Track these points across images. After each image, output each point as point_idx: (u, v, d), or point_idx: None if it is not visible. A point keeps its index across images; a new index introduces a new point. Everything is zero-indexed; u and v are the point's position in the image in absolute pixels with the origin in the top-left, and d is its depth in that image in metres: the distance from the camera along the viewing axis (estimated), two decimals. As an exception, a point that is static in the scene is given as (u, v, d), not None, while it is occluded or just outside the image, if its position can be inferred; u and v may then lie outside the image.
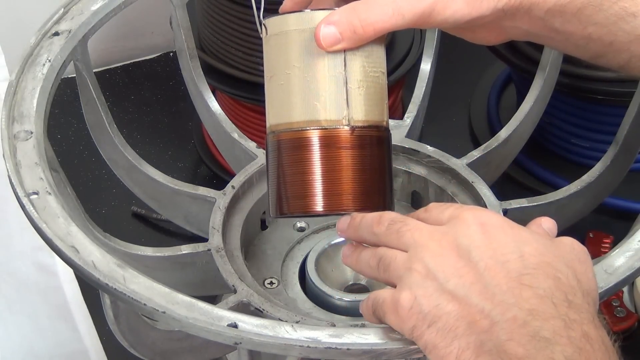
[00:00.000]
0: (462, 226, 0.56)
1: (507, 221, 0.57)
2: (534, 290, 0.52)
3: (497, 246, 0.54)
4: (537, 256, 0.54)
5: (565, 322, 0.51)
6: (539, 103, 0.88)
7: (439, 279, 0.54)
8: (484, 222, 0.56)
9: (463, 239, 0.55)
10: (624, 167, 0.83)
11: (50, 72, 0.74)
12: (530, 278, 0.53)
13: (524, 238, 0.56)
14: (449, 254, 0.55)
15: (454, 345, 0.52)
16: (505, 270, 0.53)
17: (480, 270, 0.53)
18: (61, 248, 0.62)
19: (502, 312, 0.52)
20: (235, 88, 1.03)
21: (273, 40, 0.63)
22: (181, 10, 0.86)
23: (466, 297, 0.53)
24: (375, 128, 0.63)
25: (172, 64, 1.29)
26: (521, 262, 0.54)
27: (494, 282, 0.53)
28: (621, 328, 0.93)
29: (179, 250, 0.75)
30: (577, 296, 0.53)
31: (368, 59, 0.63)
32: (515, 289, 0.52)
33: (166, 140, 1.18)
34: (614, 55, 0.64)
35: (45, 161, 0.68)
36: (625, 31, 0.62)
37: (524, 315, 0.51)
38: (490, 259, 0.54)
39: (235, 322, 0.58)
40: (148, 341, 0.70)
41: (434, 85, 0.92)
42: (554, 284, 0.53)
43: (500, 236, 0.55)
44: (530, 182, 1.08)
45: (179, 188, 0.81)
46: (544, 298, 0.52)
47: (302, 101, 0.62)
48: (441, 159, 0.82)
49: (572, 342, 0.51)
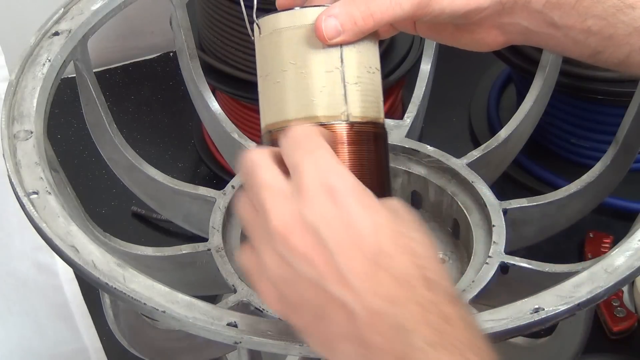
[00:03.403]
0: (306, 192, 0.51)
1: (356, 184, 0.53)
2: (390, 271, 0.50)
3: (347, 219, 0.51)
4: (390, 226, 0.52)
5: (423, 306, 0.50)
6: (539, 103, 0.88)
7: (293, 266, 0.51)
8: (331, 187, 0.51)
9: (309, 213, 0.51)
10: (624, 167, 0.83)
11: (50, 72, 0.74)
12: (385, 257, 0.50)
13: (373, 205, 0.52)
14: (295, 234, 0.51)
15: (319, 333, 0.52)
16: (360, 251, 0.50)
17: (332, 252, 0.50)
18: (61, 247, 0.62)
19: (360, 302, 0.50)
20: (235, 88, 1.03)
21: (266, 40, 0.63)
22: (181, 10, 0.86)
23: (323, 287, 0.50)
24: (372, 124, 0.63)
25: (172, 64, 1.29)
26: (375, 237, 0.51)
27: (348, 266, 0.50)
28: (621, 328, 0.93)
29: (179, 250, 0.75)
30: (434, 269, 0.51)
31: (364, 55, 0.63)
32: (370, 274, 0.50)
33: (166, 140, 1.18)
34: (613, 50, 0.64)
35: (45, 161, 0.68)
36: (625, 23, 0.62)
37: (381, 303, 0.50)
38: (341, 238, 0.50)
39: (235, 322, 0.58)
40: (148, 341, 0.70)
41: (434, 85, 0.92)
42: (410, 260, 0.51)
43: (351, 205, 0.51)
44: (530, 182, 1.08)
45: (179, 188, 0.81)
46: (400, 281, 0.50)
47: (299, 98, 0.62)
48: (441, 159, 0.82)
49: (431, 326, 0.49)
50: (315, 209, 0.51)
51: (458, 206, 0.80)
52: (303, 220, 0.51)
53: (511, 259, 0.72)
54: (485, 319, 0.58)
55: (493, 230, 0.75)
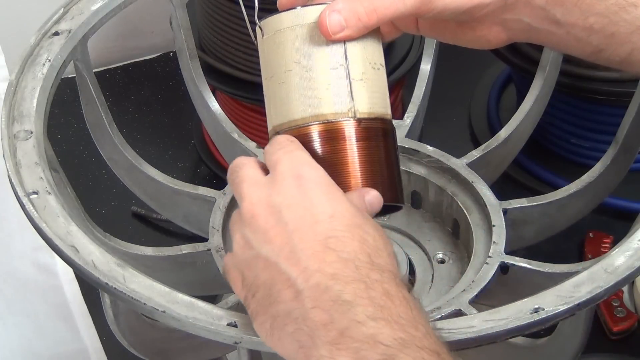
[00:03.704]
0: (278, 180, 0.56)
1: (324, 177, 0.57)
2: (338, 253, 0.53)
3: (309, 204, 0.55)
4: (349, 217, 0.55)
5: (367, 284, 0.52)
6: (539, 103, 0.88)
7: (255, 247, 0.55)
8: (299, 175, 0.56)
9: (276, 196, 0.55)
10: (624, 167, 0.83)
11: (50, 72, 0.74)
12: (335, 241, 0.54)
13: (338, 197, 0.56)
14: (261, 214, 0.55)
15: (268, 314, 0.54)
16: (313, 232, 0.54)
17: (290, 231, 0.54)
18: (61, 247, 0.62)
19: (306, 279, 0.53)
20: (235, 88, 1.03)
21: (269, 41, 0.63)
22: (181, 10, 0.86)
23: (276, 264, 0.54)
24: (380, 120, 0.63)
25: (172, 64, 1.29)
26: (330, 223, 0.54)
27: (301, 245, 0.53)
28: (621, 328, 0.93)
29: (179, 250, 0.75)
30: (382, 257, 0.54)
31: (368, 51, 0.63)
32: (319, 253, 0.53)
33: (166, 140, 1.18)
34: (615, 48, 0.64)
35: (45, 161, 0.68)
36: (627, 21, 0.63)
37: (326, 280, 0.52)
38: (300, 219, 0.54)
39: (235, 322, 0.58)
40: (148, 341, 0.70)
41: (434, 85, 0.92)
42: (359, 247, 0.54)
43: (314, 193, 0.55)
44: (530, 182, 1.08)
45: (179, 188, 0.81)
46: (347, 261, 0.53)
47: (305, 97, 0.62)
48: (441, 159, 0.82)
49: (373, 301, 0.52)
50: (282, 193, 0.55)
51: (458, 206, 0.80)
52: (270, 203, 0.55)
53: (511, 259, 0.72)
54: (485, 319, 0.58)
55: (493, 230, 0.75)
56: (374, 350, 0.50)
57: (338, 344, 0.51)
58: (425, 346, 0.51)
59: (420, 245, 0.81)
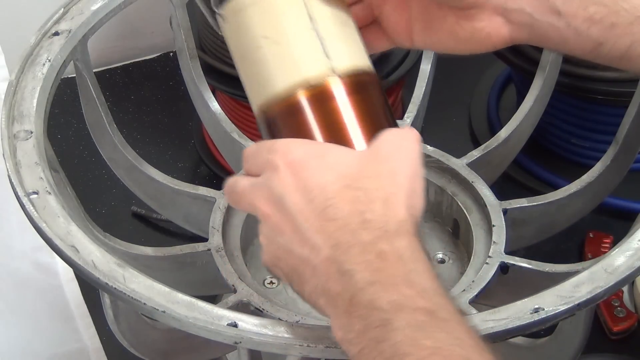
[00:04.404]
0: (274, 173, 0.57)
1: (309, 149, 0.58)
2: (336, 222, 0.55)
3: (303, 184, 0.56)
4: (339, 180, 0.56)
5: (363, 247, 0.54)
6: (539, 103, 0.88)
7: (275, 242, 0.57)
8: (291, 161, 0.57)
9: (277, 187, 0.57)
10: (624, 167, 0.83)
11: (50, 72, 0.74)
12: (332, 210, 0.55)
13: (328, 164, 0.57)
14: (271, 212, 0.57)
15: (305, 293, 0.56)
16: (312, 209, 0.55)
17: (294, 215, 0.56)
18: (61, 247, 0.62)
19: (316, 255, 0.54)
20: (235, 88, 1.03)
21: (233, 23, 0.63)
22: (181, 10, 0.86)
23: (292, 250, 0.56)
24: (362, 72, 0.62)
25: (172, 64, 1.29)
26: (323, 194, 0.55)
27: (306, 225, 0.55)
28: (621, 328, 0.93)
29: (179, 250, 0.75)
30: (375, 210, 0.55)
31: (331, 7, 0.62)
32: (322, 227, 0.55)
33: (166, 140, 1.18)
34: (615, 41, 0.64)
35: (45, 161, 0.68)
36: (626, 10, 0.63)
37: (331, 253, 0.54)
38: (300, 201, 0.56)
39: (235, 322, 0.58)
40: (148, 341, 0.70)
41: (434, 85, 0.92)
42: (352, 207, 0.55)
43: (305, 171, 0.56)
44: (530, 182, 1.08)
45: (179, 188, 0.81)
46: (343, 227, 0.54)
47: (282, 68, 0.61)
48: (441, 159, 0.82)
49: (369, 265, 0.53)
50: (280, 184, 0.57)
51: (458, 206, 0.80)
52: (274, 198, 0.57)
53: (511, 259, 0.73)
54: (485, 319, 0.58)
55: (493, 230, 0.76)
56: (375, 317, 0.51)
57: (351, 313, 0.52)
58: (419, 307, 0.51)
59: (420, 245, 0.81)
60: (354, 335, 0.52)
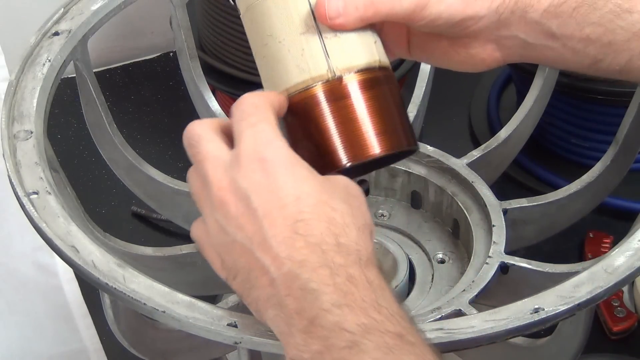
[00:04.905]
0: (242, 163, 0.55)
1: (288, 155, 0.56)
2: (306, 238, 0.53)
3: (275, 188, 0.54)
4: (315, 195, 0.55)
5: (332, 269, 0.53)
6: (539, 103, 0.88)
7: (230, 234, 0.55)
8: (263, 158, 0.55)
9: (242, 180, 0.55)
10: (624, 167, 0.83)
11: (50, 72, 0.74)
12: (303, 225, 0.54)
13: (303, 176, 0.55)
14: (231, 201, 0.55)
15: (251, 297, 0.55)
16: (282, 217, 0.54)
17: (260, 218, 0.54)
18: (61, 248, 0.62)
19: (278, 267, 0.53)
20: (235, 88, 1.03)
21: (246, 18, 0.63)
22: (181, 10, 0.86)
23: (251, 251, 0.54)
24: (365, 70, 0.62)
25: (172, 64, 1.29)
26: (297, 205, 0.54)
27: (271, 232, 0.53)
28: (621, 328, 0.93)
29: (179, 250, 0.75)
30: (349, 236, 0.54)
31: None
32: (289, 240, 0.53)
33: (166, 140, 1.18)
34: (613, 57, 0.63)
35: (45, 161, 0.68)
36: (623, 28, 0.62)
37: (295, 268, 0.53)
38: (268, 204, 0.54)
39: (235, 322, 0.58)
40: (148, 341, 0.70)
41: (434, 85, 0.92)
42: (327, 228, 0.54)
43: (280, 175, 0.55)
44: (530, 182, 1.08)
45: (179, 188, 0.81)
46: (314, 246, 0.53)
47: (284, 68, 0.61)
48: (441, 159, 0.82)
49: (338, 287, 0.52)
50: (247, 177, 0.55)
51: (458, 206, 0.80)
52: (238, 188, 0.55)
53: (511, 259, 0.73)
54: (485, 319, 0.58)
55: (493, 230, 0.75)
56: (340, 338, 0.51)
57: (310, 333, 0.52)
58: (388, 330, 0.51)
59: (420, 245, 0.81)
60: (310, 355, 0.52)
